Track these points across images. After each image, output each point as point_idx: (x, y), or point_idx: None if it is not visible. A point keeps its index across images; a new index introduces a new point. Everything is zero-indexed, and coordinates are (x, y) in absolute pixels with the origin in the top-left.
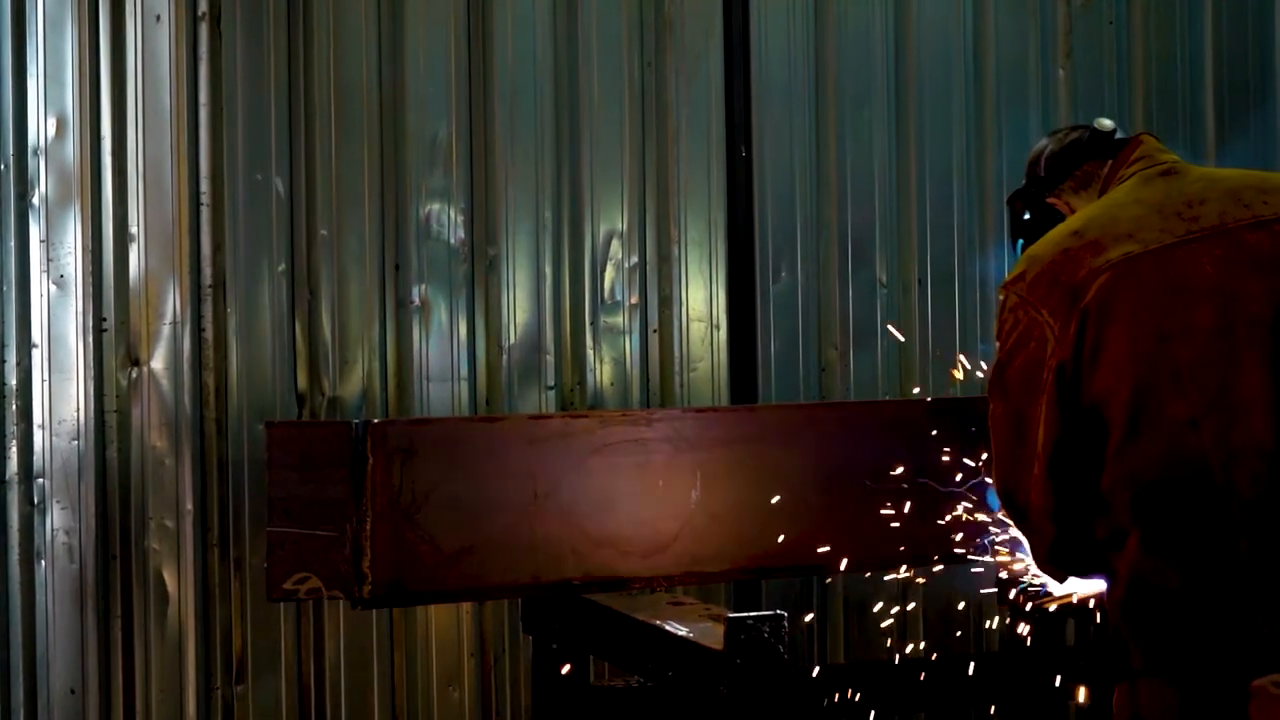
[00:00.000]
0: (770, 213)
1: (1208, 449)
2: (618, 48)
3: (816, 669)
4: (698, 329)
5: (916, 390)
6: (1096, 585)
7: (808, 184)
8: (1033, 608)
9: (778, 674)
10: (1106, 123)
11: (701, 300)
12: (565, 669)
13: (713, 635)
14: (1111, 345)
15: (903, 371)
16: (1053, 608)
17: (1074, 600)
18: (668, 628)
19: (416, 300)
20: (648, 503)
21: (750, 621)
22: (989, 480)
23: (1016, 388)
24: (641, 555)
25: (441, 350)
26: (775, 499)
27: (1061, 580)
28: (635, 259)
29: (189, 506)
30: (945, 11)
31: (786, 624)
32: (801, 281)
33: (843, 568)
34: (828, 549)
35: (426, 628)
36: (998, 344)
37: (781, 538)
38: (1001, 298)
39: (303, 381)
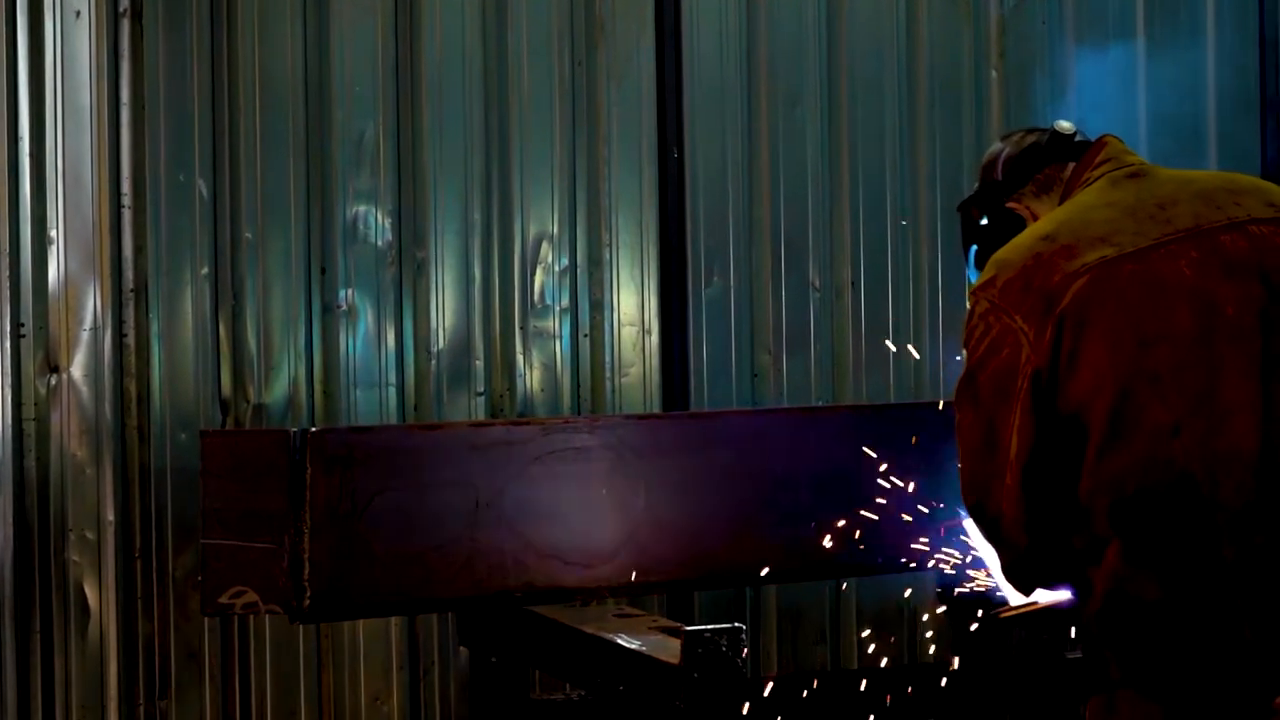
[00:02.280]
0: (702, 215)
1: (1189, 455)
2: (548, 47)
3: (770, 683)
4: (629, 333)
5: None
6: (1059, 596)
7: (740, 185)
8: (981, 617)
9: (736, 688)
10: (1066, 125)
11: (633, 304)
12: (506, 682)
13: (667, 648)
14: (1089, 351)
15: (835, 376)
16: (1009, 616)
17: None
18: (619, 640)
19: (343, 304)
20: (591, 512)
21: (708, 635)
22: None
23: (988, 396)
24: (585, 565)
25: (369, 356)
26: (719, 506)
27: (1027, 593)
28: (566, 262)
29: (111, 517)
30: (878, 11)
31: (745, 637)
32: (734, 285)
33: (788, 576)
34: (773, 557)
35: (354, 640)
36: (966, 350)
37: (726, 546)
38: (970, 304)
39: (227, 388)
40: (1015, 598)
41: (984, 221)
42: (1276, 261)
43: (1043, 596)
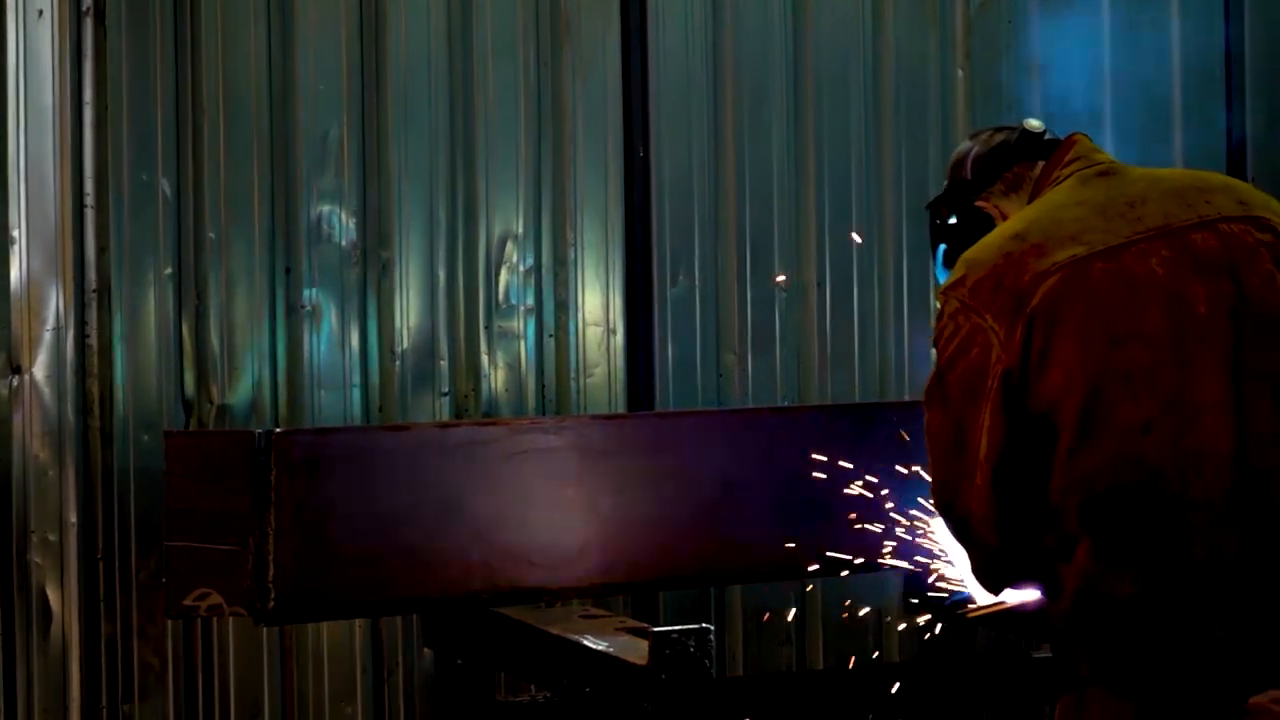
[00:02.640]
0: (668, 215)
1: (1160, 454)
2: (513, 45)
3: (741, 682)
4: (594, 333)
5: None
6: (1027, 595)
7: (706, 185)
8: (947, 617)
9: (704, 689)
10: (1035, 123)
11: (598, 304)
12: (471, 684)
13: (634, 649)
14: (1060, 349)
15: (801, 376)
16: (976, 615)
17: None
18: (585, 642)
19: (307, 304)
20: (557, 512)
21: (675, 635)
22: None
23: (958, 395)
24: (551, 567)
25: (333, 356)
26: (686, 506)
27: (996, 592)
28: (531, 262)
29: (73, 519)
30: (844, 10)
31: (712, 638)
32: (699, 284)
33: (755, 577)
34: (740, 557)
35: (318, 642)
36: (936, 350)
37: (693, 547)
38: (940, 303)
39: (190, 389)
40: (982, 597)
41: (952, 220)
42: (1247, 259)
43: (1010, 596)
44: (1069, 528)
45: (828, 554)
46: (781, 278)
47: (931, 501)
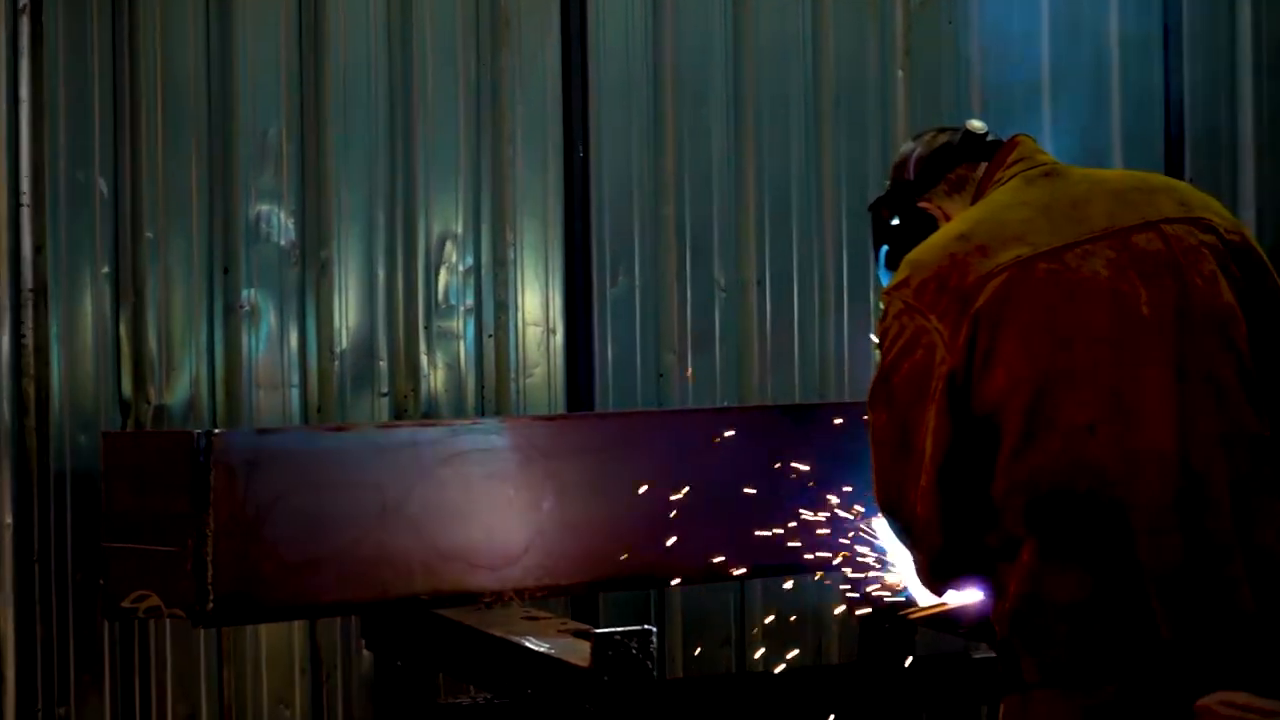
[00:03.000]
0: (608, 214)
1: (1105, 455)
2: (453, 45)
3: (683, 684)
4: (533, 334)
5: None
6: (969, 597)
7: (646, 184)
8: (889, 619)
9: (646, 690)
10: (978, 124)
11: (537, 304)
12: (411, 686)
13: (576, 651)
14: (1005, 350)
15: (741, 375)
16: (918, 617)
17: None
18: (527, 643)
19: (246, 304)
20: (499, 513)
21: (618, 637)
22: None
23: (903, 396)
24: (492, 568)
25: (272, 356)
26: (627, 508)
27: (940, 594)
28: (470, 261)
29: (9, 520)
30: (784, 10)
31: (654, 639)
32: (639, 284)
33: (699, 578)
34: (682, 559)
35: (256, 644)
36: (880, 351)
37: (634, 547)
38: (884, 304)
39: (128, 389)
40: (924, 599)
41: (895, 221)
42: (1190, 261)
43: (952, 598)
44: (1013, 529)
45: (768, 555)
46: None
47: (875, 502)
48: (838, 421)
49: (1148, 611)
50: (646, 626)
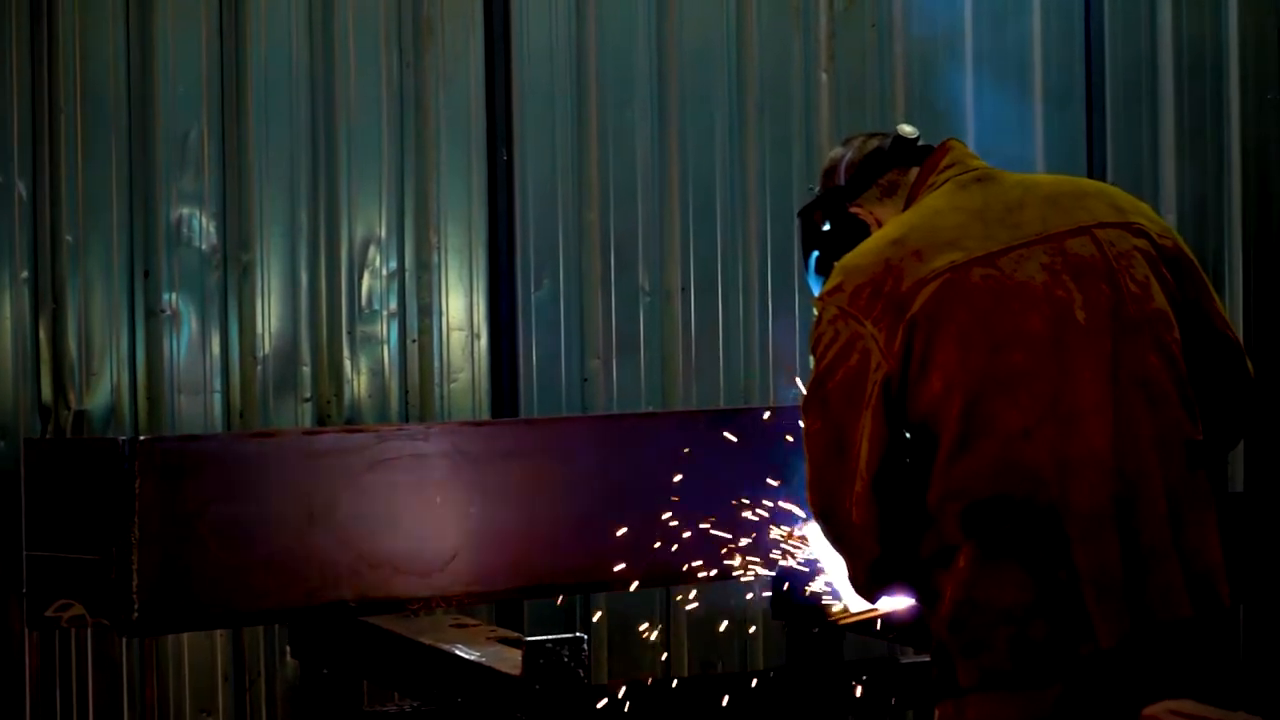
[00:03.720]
0: (532, 218)
1: (1041, 460)
2: (376, 47)
3: (621, 691)
4: (458, 338)
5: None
6: (900, 602)
7: (570, 188)
8: (817, 624)
9: (578, 698)
10: (909, 129)
11: (461, 308)
12: (336, 694)
13: (507, 659)
14: (941, 356)
15: (665, 381)
16: (848, 622)
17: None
18: (457, 651)
19: (167, 308)
20: (426, 520)
21: (549, 645)
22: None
23: (837, 402)
24: (419, 574)
25: (193, 361)
26: (555, 514)
27: (873, 600)
28: (394, 265)
29: None
30: (707, 13)
31: (586, 647)
32: (563, 289)
33: (628, 584)
34: (611, 564)
35: (179, 651)
36: (813, 357)
37: (563, 554)
38: (818, 310)
39: (47, 394)
40: (855, 604)
41: (826, 227)
42: (1124, 265)
43: (883, 603)
44: (949, 535)
45: (695, 561)
46: None
47: (809, 508)
48: (765, 426)
49: (1084, 616)
50: (578, 634)
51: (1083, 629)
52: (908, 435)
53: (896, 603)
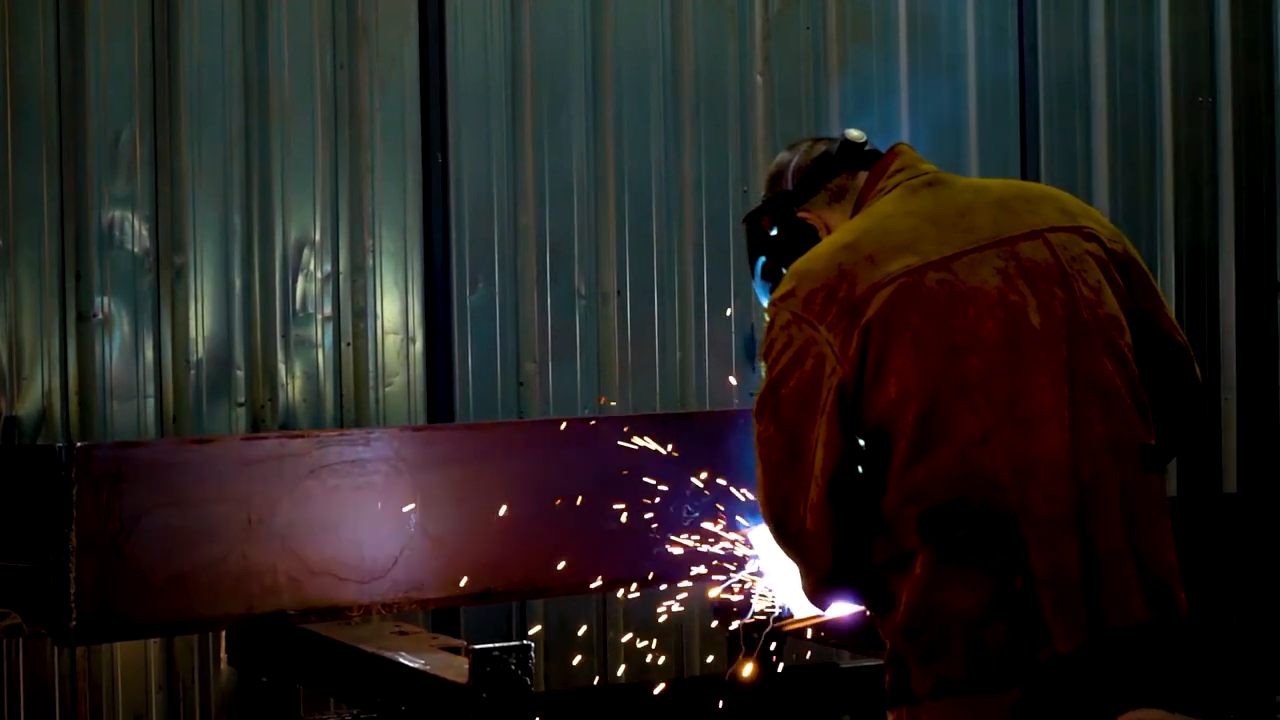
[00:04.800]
0: (467, 221)
1: (998, 465)
2: (310, 49)
3: (560, 696)
4: (393, 342)
5: (614, 403)
6: (846, 608)
7: (505, 191)
8: (766, 632)
9: (525, 706)
10: (856, 133)
11: (396, 311)
12: (274, 702)
13: (452, 667)
14: (896, 361)
15: (602, 384)
16: (793, 628)
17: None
18: (401, 659)
19: (99, 313)
20: (366, 526)
21: (496, 653)
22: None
23: (791, 408)
24: (360, 582)
25: (126, 366)
26: (496, 520)
27: (824, 607)
28: (328, 268)
29: None
30: (642, 15)
31: (533, 655)
32: (499, 292)
33: (569, 590)
34: (551, 571)
35: (112, 659)
36: (765, 363)
37: (505, 560)
38: (770, 315)
39: None
40: (800, 610)
41: (773, 232)
42: (1078, 269)
43: (832, 609)
44: (905, 541)
45: (637, 566)
46: None
47: (761, 515)
48: (706, 430)
49: (1041, 622)
50: (524, 642)
51: (1040, 634)
52: (861, 442)
53: (841, 609)
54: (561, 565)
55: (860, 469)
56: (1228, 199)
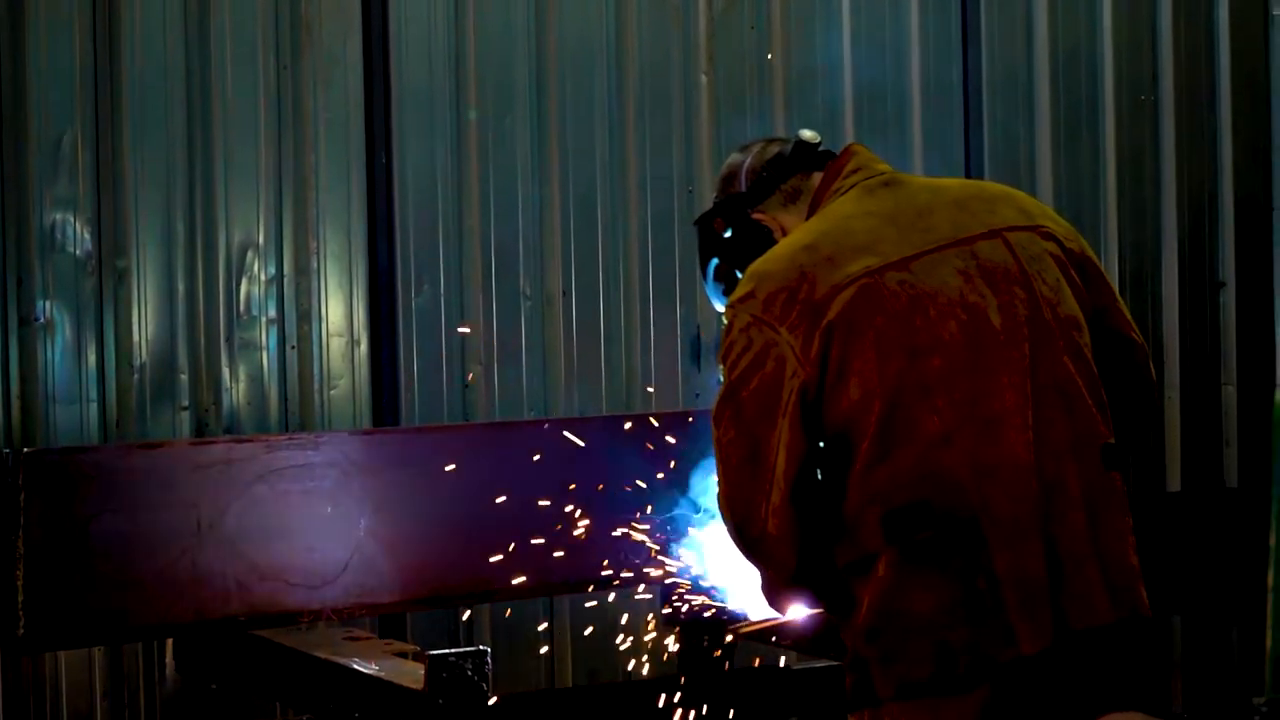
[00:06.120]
0: (412, 222)
1: (961, 466)
2: (253, 49)
3: (516, 700)
4: (338, 344)
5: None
6: (801, 612)
7: (449, 192)
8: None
9: (482, 713)
10: (810, 134)
11: (341, 314)
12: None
13: (407, 673)
14: (858, 362)
15: (547, 386)
16: (749, 632)
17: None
18: (355, 665)
19: (41, 317)
20: (316, 531)
21: (453, 659)
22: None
23: (752, 411)
24: (310, 587)
25: (69, 370)
26: (447, 524)
27: (784, 610)
28: (272, 271)
29: None
30: (587, 16)
31: (489, 660)
32: (444, 294)
33: (519, 594)
34: (501, 574)
35: (55, 666)
36: (724, 366)
37: (455, 564)
38: (729, 318)
39: None
40: (756, 614)
41: (727, 234)
42: (1036, 269)
43: (791, 613)
44: (868, 543)
45: (587, 568)
46: None
47: (722, 519)
48: (655, 431)
49: (1006, 623)
50: (481, 648)
51: (1005, 636)
52: (821, 445)
53: (796, 612)
54: (512, 568)
55: (821, 472)
56: (1170, 198)
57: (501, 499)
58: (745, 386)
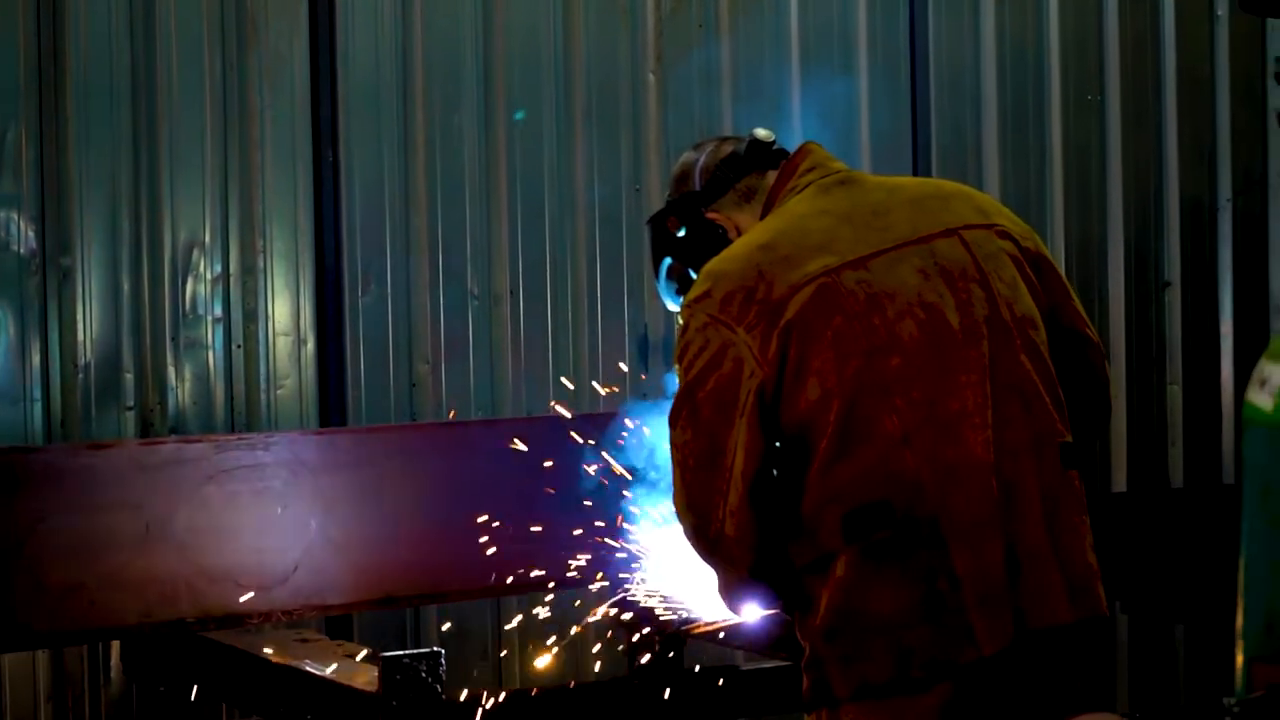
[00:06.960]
0: (359, 221)
1: (920, 466)
2: (198, 47)
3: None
4: (284, 344)
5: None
6: (754, 612)
7: (396, 191)
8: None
9: (436, 715)
10: (764, 132)
11: (288, 313)
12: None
13: (359, 675)
14: (817, 362)
15: (494, 386)
16: (701, 633)
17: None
18: (307, 668)
19: None
20: (266, 532)
21: (406, 660)
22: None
23: (709, 412)
24: (260, 589)
25: (12, 369)
26: (397, 524)
27: (739, 611)
28: (218, 270)
29: None
30: (534, 15)
31: (444, 662)
32: (391, 293)
33: (469, 595)
34: (452, 575)
35: None
36: (680, 366)
37: (405, 565)
38: (684, 318)
39: None
40: (710, 614)
41: (680, 233)
42: (993, 267)
43: (746, 613)
44: (826, 543)
45: (536, 570)
46: None
47: (679, 520)
48: (605, 431)
49: (965, 624)
50: (435, 649)
51: (965, 636)
52: (778, 445)
53: (751, 613)
54: (462, 569)
55: (778, 472)
56: (1116, 195)
57: (453, 499)
58: (702, 387)
